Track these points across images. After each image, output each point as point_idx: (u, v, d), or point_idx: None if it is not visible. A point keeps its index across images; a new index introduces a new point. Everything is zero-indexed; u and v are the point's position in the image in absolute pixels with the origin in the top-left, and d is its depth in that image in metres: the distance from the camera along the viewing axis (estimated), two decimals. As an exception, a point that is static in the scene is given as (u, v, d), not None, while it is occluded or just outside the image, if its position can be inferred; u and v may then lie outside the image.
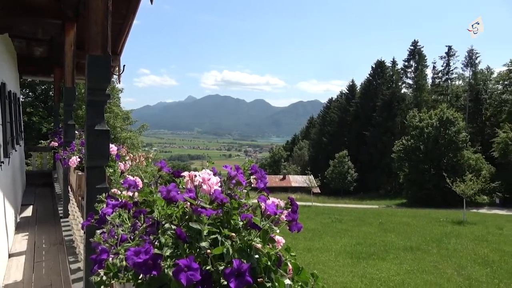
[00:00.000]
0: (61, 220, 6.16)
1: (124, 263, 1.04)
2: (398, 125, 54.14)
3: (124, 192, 1.60)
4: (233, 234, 1.08)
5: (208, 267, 1.00)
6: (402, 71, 60.74)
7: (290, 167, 64.81)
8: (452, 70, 57.10)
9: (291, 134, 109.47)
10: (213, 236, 1.07)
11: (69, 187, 6.06)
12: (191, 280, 0.92)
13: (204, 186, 1.20)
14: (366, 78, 63.95)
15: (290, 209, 1.22)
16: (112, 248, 1.16)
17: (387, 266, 13.33)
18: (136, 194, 1.46)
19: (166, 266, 0.98)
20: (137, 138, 28.74)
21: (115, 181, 2.83)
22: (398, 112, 55.69)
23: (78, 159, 4.32)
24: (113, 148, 3.29)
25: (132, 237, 1.17)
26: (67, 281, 3.90)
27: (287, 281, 1.12)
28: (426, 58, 59.28)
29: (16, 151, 7.44)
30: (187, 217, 1.13)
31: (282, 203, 1.23)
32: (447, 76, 57.59)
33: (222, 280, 0.98)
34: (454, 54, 56.82)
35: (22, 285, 3.98)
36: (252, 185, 1.35)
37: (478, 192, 29.43)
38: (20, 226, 6.20)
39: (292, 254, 1.24)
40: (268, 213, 1.15)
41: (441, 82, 58.27)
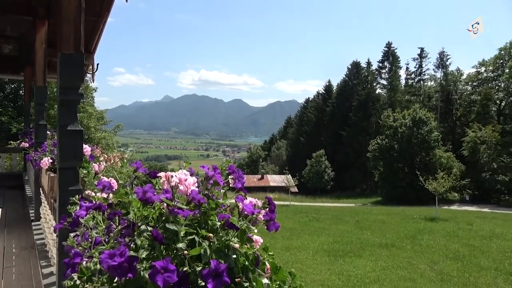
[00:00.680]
0: (33, 223, 5.96)
1: (98, 266, 1.02)
2: (373, 125, 55.28)
3: (99, 194, 1.56)
4: (211, 234, 1.07)
5: (185, 268, 0.99)
6: (376, 72, 62.11)
7: (268, 166, 65.10)
8: (424, 71, 58.90)
9: (269, 134, 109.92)
10: (191, 237, 1.06)
11: (40, 189, 5.88)
12: (168, 282, 0.91)
13: (181, 187, 1.19)
14: (342, 78, 65.11)
15: (267, 209, 1.22)
16: (86, 251, 1.13)
17: (363, 263, 13.59)
18: (111, 195, 1.43)
19: (142, 268, 0.96)
20: (112, 139, 28.14)
21: (89, 182, 2.76)
22: (373, 112, 56.87)
23: (50, 160, 4.19)
24: (87, 148, 3.21)
25: (106, 240, 1.15)
26: (39, 286, 3.78)
27: (265, 281, 1.12)
28: (399, 59, 60.89)
29: (-17, 152, 7.15)
30: (163, 218, 1.11)
31: (259, 203, 1.23)
32: (419, 77, 59.31)
33: (199, 281, 0.97)
34: (426, 56, 58.62)
35: (-10, 292, 3.82)
36: (230, 185, 1.34)
37: (449, 189, 30.42)
38: (-12, 230, 5.95)
39: (270, 253, 1.25)
40: (246, 213, 1.15)
41: (414, 83, 59.93)
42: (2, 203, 7.68)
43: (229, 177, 1.36)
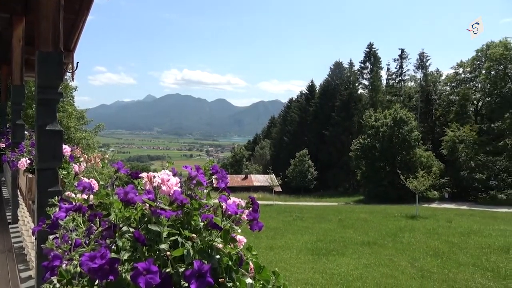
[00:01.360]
0: (10, 226, 5.80)
1: (79, 269, 1.00)
2: (355, 124, 55.99)
3: (79, 195, 1.53)
4: (194, 235, 1.06)
5: (168, 270, 0.98)
6: (358, 73, 62.94)
7: (252, 166, 65.15)
8: (404, 72, 59.99)
9: (252, 134, 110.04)
10: (173, 238, 1.05)
11: (18, 191, 5.73)
12: (150, 283, 0.90)
13: (164, 187, 1.18)
14: (325, 78, 65.66)
15: (251, 208, 1.22)
16: (66, 253, 1.11)
17: (346, 261, 13.76)
18: (92, 196, 1.41)
19: (124, 270, 0.95)
20: (92, 139, 27.62)
21: (69, 183, 2.71)
22: (355, 112, 57.60)
23: (28, 161, 4.09)
24: (67, 149, 3.14)
25: (87, 242, 1.13)
26: (16, 291, 3.67)
27: (249, 280, 1.12)
28: (381, 60, 61.85)
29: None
30: (146, 219, 1.10)
31: (243, 203, 1.23)
32: (400, 78, 60.40)
33: (182, 282, 0.96)
34: (407, 57, 59.73)
35: (-35, 297, 3.70)
36: (213, 185, 1.34)
37: (429, 187, 31.09)
38: (-37, 234, 5.76)
39: (253, 253, 1.25)
40: (229, 213, 1.15)
41: (394, 83, 60.99)
42: (-23, 205, 7.44)
43: (213, 177, 1.35)
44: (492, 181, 40.53)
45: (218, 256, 1.08)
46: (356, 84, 62.02)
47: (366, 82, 62.11)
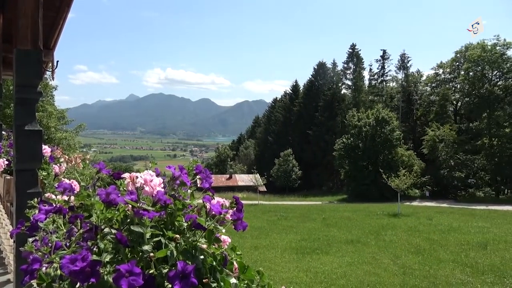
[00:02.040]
0: (-13, 229, 5.62)
1: (59, 272, 0.98)
2: (339, 124, 56.57)
3: (59, 197, 1.50)
4: (177, 235, 1.06)
5: (151, 271, 0.97)
6: (342, 73, 63.61)
7: (237, 166, 65.05)
8: (386, 73, 60.98)
9: (237, 134, 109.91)
10: (157, 239, 1.04)
11: (-5, 192, 5.55)
12: (133, 285, 0.89)
13: (147, 188, 1.17)
14: (308, 78, 66.05)
15: (235, 208, 1.22)
16: (46, 256, 1.08)
17: (330, 259, 13.89)
18: (72, 198, 1.38)
19: (106, 272, 0.93)
20: (73, 139, 27.09)
21: (49, 184, 2.65)
22: (338, 112, 58.18)
23: (6, 162, 3.98)
24: (47, 149, 3.07)
25: (67, 244, 1.10)
26: (-6, 296, 3.57)
27: (233, 280, 1.12)
28: (363, 60, 62.62)
29: None
30: (128, 220, 1.08)
31: (227, 203, 1.23)
32: (382, 78, 61.35)
33: (166, 283, 0.96)
34: (389, 58, 60.68)
35: None
36: (197, 185, 1.33)
37: (411, 186, 31.70)
38: None
39: (238, 253, 1.25)
40: (213, 213, 1.14)
41: (377, 84, 61.90)
42: (-48, 208, 7.20)
43: (197, 177, 1.34)
44: (470, 179, 41.61)
45: (202, 257, 1.07)
46: (340, 84, 62.66)
47: (349, 83, 62.86)
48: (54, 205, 1.28)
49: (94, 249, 1.03)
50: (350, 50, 63.19)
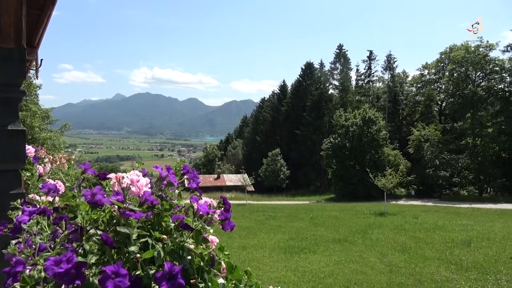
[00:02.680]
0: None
1: (43, 274, 0.96)
2: (326, 124, 56.94)
3: (43, 197, 1.47)
4: (164, 236, 1.05)
5: (138, 272, 0.96)
6: (329, 73, 64.07)
7: (225, 166, 64.94)
8: (373, 73, 61.64)
9: (225, 133, 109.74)
10: (143, 240, 1.03)
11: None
12: (119, 286, 0.88)
13: (133, 188, 1.15)
14: (296, 78, 66.33)
15: (222, 208, 1.22)
16: (29, 258, 1.06)
17: (318, 258, 13.98)
18: (57, 199, 1.36)
19: (91, 274, 0.92)
20: (58, 139, 26.64)
21: (33, 185, 2.60)
22: (326, 112, 58.57)
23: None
24: (30, 149, 3.01)
25: (52, 246, 1.08)
26: (-24, 299, 3.48)
27: (221, 280, 1.12)
28: (350, 61, 63.24)
29: None
30: (114, 221, 1.07)
31: (214, 203, 1.23)
32: (368, 79, 61.99)
33: (153, 284, 0.95)
34: (375, 58, 61.34)
35: None
36: (184, 186, 1.32)
37: (397, 185, 32.08)
38: None
39: (225, 253, 1.24)
40: (201, 213, 1.14)
41: (363, 84, 62.53)
42: None
43: (184, 177, 1.34)
44: (455, 178, 42.38)
45: (189, 257, 1.07)
46: (327, 85, 63.10)
47: (336, 83, 63.34)
48: (38, 206, 1.26)
49: (80, 250, 1.02)
50: (337, 51, 63.70)
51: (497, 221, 21.43)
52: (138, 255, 0.97)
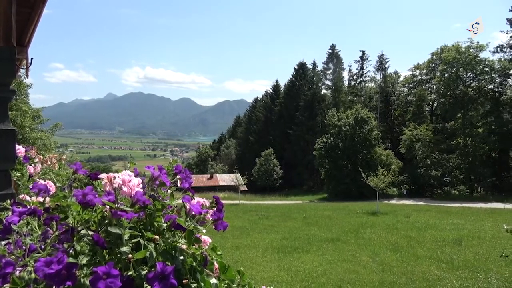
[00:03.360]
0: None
1: (33, 275, 0.95)
2: (319, 124, 57.11)
3: (34, 198, 1.46)
4: (157, 236, 1.04)
5: (130, 273, 0.96)
6: (322, 73, 64.25)
7: (218, 166, 64.83)
8: (365, 73, 61.96)
9: (218, 133, 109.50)
10: (135, 240, 1.02)
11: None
12: (111, 287, 0.87)
13: (125, 188, 1.15)
14: (289, 78, 66.41)
15: (215, 208, 1.21)
16: (19, 260, 1.05)
17: (311, 258, 14.02)
18: (48, 199, 1.34)
19: (83, 275, 0.91)
20: (49, 139, 26.33)
21: (23, 186, 2.57)
22: (318, 112, 58.74)
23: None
24: (20, 149, 2.97)
25: (42, 247, 1.07)
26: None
27: (213, 280, 1.12)
28: (343, 61, 63.50)
29: None
30: (106, 221, 1.06)
31: (207, 203, 1.23)
32: (361, 79, 62.30)
33: (145, 284, 0.94)
34: (367, 59, 61.68)
35: None
36: (177, 186, 1.32)
37: (389, 185, 32.31)
38: None
39: (218, 253, 1.24)
40: (193, 213, 1.14)
41: (356, 84, 62.84)
42: None
43: (176, 177, 1.33)
44: (446, 178, 42.80)
45: (181, 257, 1.06)
46: (320, 85, 63.28)
47: (329, 83, 63.57)
48: (28, 207, 1.25)
49: (71, 251, 1.01)
50: (330, 51, 63.92)
51: (487, 220, 21.69)
52: (130, 255, 0.97)
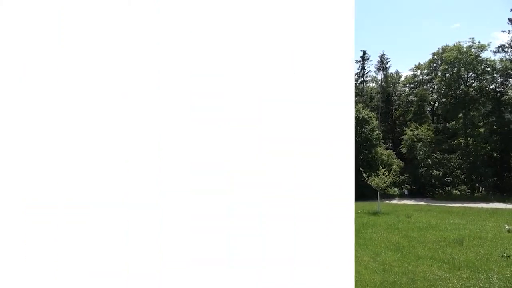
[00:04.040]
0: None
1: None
2: (320, 124, 56.89)
3: None
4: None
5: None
6: (323, 73, 64.17)
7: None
8: (366, 73, 61.89)
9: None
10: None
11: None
12: None
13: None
14: (290, 78, 66.22)
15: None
16: None
17: (312, 258, 14.00)
18: None
19: None
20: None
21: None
22: (320, 112, 58.61)
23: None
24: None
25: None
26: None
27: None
28: (344, 61, 63.36)
29: None
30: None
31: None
32: (362, 79, 62.18)
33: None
34: (368, 58, 61.54)
35: None
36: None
37: (390, 185, 32.27)
38: None
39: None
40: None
41: (357, 84, 62.68)
42: None
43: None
44: (447, 178, 42.72)
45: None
46: (321, 85, 63.18)
47: (330, 83, 63.44)
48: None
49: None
50: (331, 51, 63.80)
51: (489, 220, 21.65)
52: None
